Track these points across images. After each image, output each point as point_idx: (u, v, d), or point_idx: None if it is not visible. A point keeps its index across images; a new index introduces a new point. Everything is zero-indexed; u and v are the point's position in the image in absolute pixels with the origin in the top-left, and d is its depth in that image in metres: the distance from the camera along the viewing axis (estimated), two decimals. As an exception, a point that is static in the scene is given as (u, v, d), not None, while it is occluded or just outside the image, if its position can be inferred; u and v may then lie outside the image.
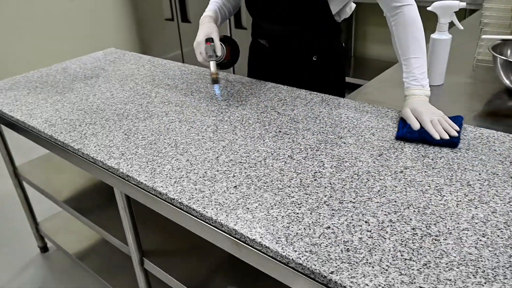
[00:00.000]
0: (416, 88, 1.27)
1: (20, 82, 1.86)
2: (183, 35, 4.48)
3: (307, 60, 1.62)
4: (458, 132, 1.16)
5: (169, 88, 1.67)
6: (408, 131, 1.19)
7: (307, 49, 1.60)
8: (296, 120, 1.34)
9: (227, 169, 1.11)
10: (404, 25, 1.29)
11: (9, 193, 2.78)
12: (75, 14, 4.43)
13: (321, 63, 1.62)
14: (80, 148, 1.27)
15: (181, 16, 4.38)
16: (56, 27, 4.33)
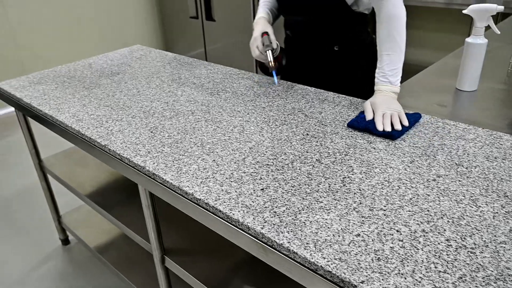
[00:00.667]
0: (383, 84, 1.33)
1: (48, 76, 1.87)
2: (207, 33, 4.48)
3: (328, 50, 1.62)
4: (407, 127, 1.23)
5: (195, 87, 1.66)
6: (356, 120, 1.27)
7: (327, 39, 1.61)
8: (324, 123, 1.31)
9: (254, 171, 1.09)
10: (383, 21, 1.33)
11: (33, 185, 2.82)
12: (101, 10, 4.47)
13: (344, 54, 1.61)
14: (107, 144, 1.27)
15: (205, 14, 4.38)
16: (83, 22, 4.37)
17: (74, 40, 4.34)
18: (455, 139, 1.18)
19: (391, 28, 1.32)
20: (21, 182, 2.90)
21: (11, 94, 1.72)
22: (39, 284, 2.06)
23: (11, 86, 1.78)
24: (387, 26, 1.33)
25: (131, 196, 1.76)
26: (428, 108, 1.34)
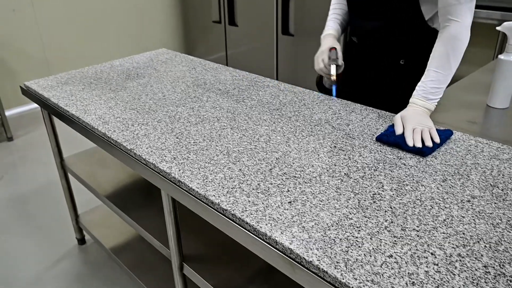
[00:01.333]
0: (419, 98, 1.32)
1: (75, 77, 1.87)
2: (229, 38, 4.48)
3: (393, 62, 1.58)
4: (438, 144, 1.19)
5: (220, 93, 1.64)
6: (386, 134, 1.25)
7: (394, 50, 1.56)
8: (351, 136, 1.28)
9: (281, 182, 1.06)
10: (443, 39, 1.32)
11: (52, 182, 2.82)
12: (126, 12, 4.50)
13: (410, 69, 1.55)
14: (133, 148, 1.25)
15: (228, 19, 4.38)
16: (107, 24, 4.40)
17: (98, 41, 4.37)
18: (488, 158, 1.14)
19: (448, 48, 1.30)
20: (40, 179, 2.91)
21: (38, 93, 1.72)
22: (54, 284, 2.05)
23: (39, 86, 1.78)
24: (445, 44, 1.31)
25: (150, 198, 1.75)
26: (458, 124, 1.30)
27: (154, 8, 4.72)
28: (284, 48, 3.96)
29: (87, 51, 4.30)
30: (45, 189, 2.80)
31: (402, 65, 1.57)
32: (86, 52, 4.30)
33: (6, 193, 2.78)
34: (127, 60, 2.10)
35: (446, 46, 1.31)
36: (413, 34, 1.51)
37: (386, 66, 1.60)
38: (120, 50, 4.54)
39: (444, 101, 1.64)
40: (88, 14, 4.22)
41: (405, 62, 1.56)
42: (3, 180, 2.93)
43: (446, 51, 1.30)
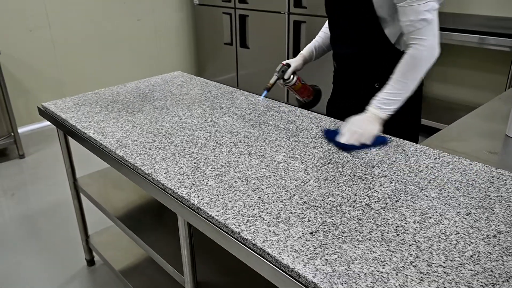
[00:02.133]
0: (372, 106, 1.42)
1: (92, 99, 1.87)
2: (240, 59, 4.51)
3: (369, 86, 1.62)
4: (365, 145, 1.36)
5: (237, 118, 1.63)
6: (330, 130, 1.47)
7: (368, 74, 1.63)
8: (370, 164, 1.27)
9: (302, 212, 1.05)
10: (405, 59, 1.40)
11: (63, 201, 2.81)
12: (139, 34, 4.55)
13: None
14: (151, 173, 1.24)
15: (240, 41, 4.41)
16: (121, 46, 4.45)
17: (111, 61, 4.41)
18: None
19: (406, 66, 1.39)
20: (51, 197, 2.90)
21: (56, 114, 1.72)
22: (64, 304, 2.03)
23: (57, 107, 1.79)
24: (405, 64, 1.40)
25: (162, 220, 1.73)
26: (478, 154, 1.29)
27: (167, 31, 4.78)
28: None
29: (101, 71, 4.34)
30: (55, 208, 2.78)
31: (377, 88, 1.58)
32: (100, 73, 4.33)
33: (16, 211, 2.77)
34: (142, 82, 2.11)
35: (405, 66, 1.39)
36: (385, 59, 1.56)
37: (363, 90, 1.65)
38: (133, 71, 4.57)
39: (463, 130, 1.63)
40: (102, 35, 4.27)
41: (380, 85, 1.57)
42: (14, 197, 2.92)
43: (405, 70, 1.39)
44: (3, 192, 3.00)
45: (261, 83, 4.30)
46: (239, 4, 4.27)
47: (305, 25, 3.74)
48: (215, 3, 4.53)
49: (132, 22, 4.46)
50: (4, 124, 3.39)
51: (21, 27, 3.74)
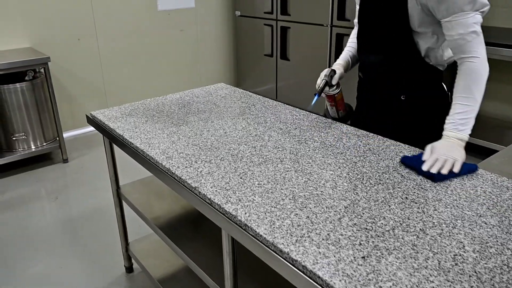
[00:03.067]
0: (450, 130, 1.35)
1: (138, 109, 1.89)
2: (280, 71, 4.49)
3: (394, 97, 1.61)
4: (454, 173, 1.25)
5: (282, 133, 1.61)
6: (410, 157, 1.35)
7: (394, 85, 1.60)
8: (423, 187, 1.22)
9: (352, 234, 1.01)
10: (462, 73, 1.37)
11: (104, 207, 2.85)
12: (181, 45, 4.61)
13: (411, 105, 1.60)
14: (197, 186, 1.23)
15: (280, 53, 4.40)
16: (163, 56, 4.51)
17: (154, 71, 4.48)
18: None
19: (469, 81, 1.35)
20: (93, 203, 2.94)
21: (104, 123, 1.74)
22: (102, 311, 2.04)
23: (105, 116, 1.80)
24: (466, 78, 1.36)
25: (202, 231, 1.72)
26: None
27: (209, 41, 4.82)
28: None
29: (143, 81, 4.41)
30: (97, 213, 2.82)
31: (404, 100, 1.60)
32: (142, 82, 4.41)
33: (59, 215, 2.82)
34: (187, 93, 2.11)
35: (467, 80, 1.35)
36: (413, 71, 1.55)
37: (387, 101, 1.65)
38: (174, 80, 4.63)
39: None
40: (146, 45, 4.35)
41: (406, 98, 1.59)
42: (57, 201, 2.98)
43: (468, 84, 1.35)
44: (47, 195, 3.07)
45: (300, 95, 4.28)
46: (281, 16, 4.27)
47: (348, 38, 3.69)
48: (256, 15, 4.54)
49: (175, 33, 4.53)
50: (51, 129, 3.48)
51: (70, 36, 3.84)
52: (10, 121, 3.26)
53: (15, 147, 3.34)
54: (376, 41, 1.60)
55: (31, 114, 3.31)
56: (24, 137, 3.33)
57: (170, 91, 4.44)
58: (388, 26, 1.52)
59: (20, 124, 3.29)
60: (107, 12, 3.99)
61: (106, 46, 4.08)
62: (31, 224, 2.70)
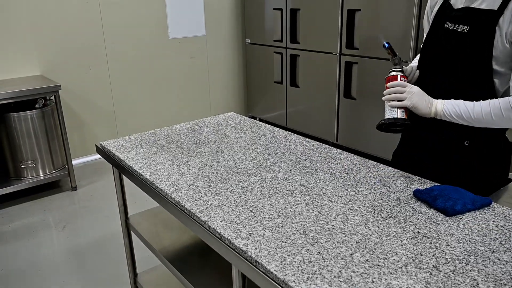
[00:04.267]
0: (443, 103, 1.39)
1: (148, 139, 1.91)
2: (289, 98, 4.53)
3: (457, 142, 1.52)
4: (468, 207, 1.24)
5: (292, 164, 1.62)
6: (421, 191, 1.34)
7: (458, 130, 1.47)
8: (435, 221, 1.21)
9: (364, 271, 1.00)
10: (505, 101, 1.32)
11: (112, 235, 2.85)
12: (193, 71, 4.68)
13: (475, 153, 1.51)
14: (207, 220, 1.23)
15: (290, 80, 4.44)
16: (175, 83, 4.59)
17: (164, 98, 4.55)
18: None
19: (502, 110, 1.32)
20: (101, 231, 2.95)
21: (113, 153, 1.76)
22: None
23: (114, 146, 1.83)
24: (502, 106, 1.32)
25: (211, 263, 1.71)
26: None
27: (219, 68, 4.90)
28: (345, 110, 3.95)
29: (153, 108, 4.47)
30: (105, 242, 2.82)
31: (467, 146, 1.51)
32: (153, 109, 4.47)
33: (67, 243, 2.83)
34: (197, 123, 2.13)
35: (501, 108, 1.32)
36: None
37: (450, 147, 1.55)
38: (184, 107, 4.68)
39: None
40: (156, 73, 4.42)
41: (470, 144, 1.50)
42: (65, 230, 2.99)
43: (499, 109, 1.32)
44: (54, 224, 3.08)
45: (310, 121, 4.30)
46: (290, 44, 4.33)
47: (357, 66, 3.73)
48: (266, 43, 4.61)
49: (186, 60, 4.60)
50: (60, 157, 3.52)
51: (81, 64, 3.93)
52: (19, 149, 3.30)
53: (23, 175, 3.37)
54: (450, 87, 1.49)
55: (40, 141, 3.36)
56: (33, 165, 3.37)
57: (180, 118, 4.49)
58: (468, 61, 1.43)
59: (29, 151, 3.33)
60: (118, 40, 4.08)
61: (117, 74, 4.15)
62: (39, 254, 2.71)
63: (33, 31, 3.63)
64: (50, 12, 3.66)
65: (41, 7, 3.61)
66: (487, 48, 1.36)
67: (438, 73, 1.54)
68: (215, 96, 4.94)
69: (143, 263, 2.35)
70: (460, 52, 1.44)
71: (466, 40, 1.41)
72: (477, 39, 1.38)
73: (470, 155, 1.51)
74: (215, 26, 4.74)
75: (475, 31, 1.39)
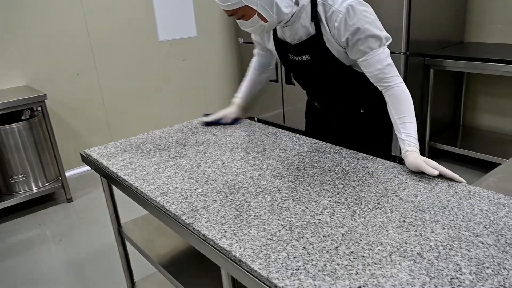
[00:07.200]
0: (415, 146, 1.51)
1: (134, 144, 1.95)
2: (286, 96, 4.56)
3: (355, 110, 1.86)
4: None
5: (281, 160, 1.65)
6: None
7: (355, 99, 1.85)
8: (421, 208, 1.25)
9: (349, 263, 1.04)
10: (396, 98, 1.57)
11: (110, 246, 2.89)
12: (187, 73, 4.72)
13: (369, 118, 1.86)
14: (191, 222, 1.27)
15: (285, 78, 4.48)
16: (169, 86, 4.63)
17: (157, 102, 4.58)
18: None
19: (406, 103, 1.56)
20: (98, 242, 2.99)
21: (98, 161, 1.80)
22: None
23: (99, 153, 1.87)
24: (402, 101, 1.57)
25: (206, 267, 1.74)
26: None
27: (213, 69, 4.94)
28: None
29: (148, 112, 4.51)
30: (102, 253, 2.87)
31: (362, 113, 1.86)
32: (147, 114, 4.51)
33: (64, 256, 2.87)
34: (186, 125, 2.17)
35: (404, 102, 1.57)
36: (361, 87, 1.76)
37: (348, 114, 1.90)
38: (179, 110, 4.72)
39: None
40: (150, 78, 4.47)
41: (365, 111, 1.85)
42: (61, 243, 3.03)
43: (406, 105, 1.56)
44: (51, 237, 3.13)
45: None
46: (283, 40, 4.35)
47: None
48: (259, 40, 4.63)
49: (179, 62, 4.64)
50: (52, 169, 3.57)
51: (68, 71, 3.96)
52: (9, 163, 3.34)
53: (15, 189, 3.41)
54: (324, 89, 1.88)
55: (30, 154, 3.39)
56: (24, 179, 3.41)
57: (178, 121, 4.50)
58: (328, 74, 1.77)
59: (19, 165, 3.37)
60: (106, 46, 4.11)
61: (107, 81, 4.19)
62: (36, 269, 2.76)
63: (16, 40, 3.65)
64: (33, 20, 3.69)
65: (24, 15, 3.64)
66: (331, 57, 1.69)
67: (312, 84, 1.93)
68: (211, 97, 4.98)
69: (142, 270, 2.39)
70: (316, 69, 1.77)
71: (315, 61, 1.73)
72: (319, 58, 1.71)
73: (365, 121, 1.87)
74: (206, 27, 4.77)
75: (315, 55, 1.71)
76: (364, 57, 1.59)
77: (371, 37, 1.55)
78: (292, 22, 1.66)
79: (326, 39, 1.64)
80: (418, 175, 1.45)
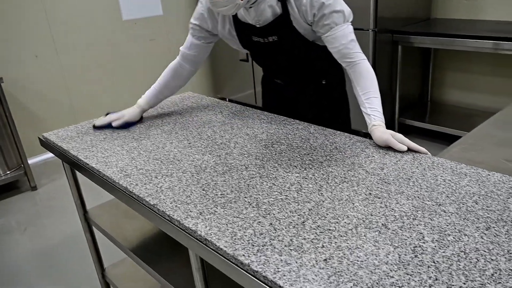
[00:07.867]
0: (381, 120, 1.54)
1: (97, 126, 1.93)
2: (256, 76, 4.55)
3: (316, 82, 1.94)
4: None
5: (248, 138, 1.66)
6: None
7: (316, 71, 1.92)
8: (387, 181, 1.27)
9: (315, 237, 1.05)
10: (360, 74, 1.62)
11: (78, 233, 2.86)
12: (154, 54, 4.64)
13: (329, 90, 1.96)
14: (156, 203, 1.27)
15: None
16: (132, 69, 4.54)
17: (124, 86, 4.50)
18: (538, 202, 1.11)
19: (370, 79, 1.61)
20: (65, 230, 2.96)
21: (57, 145, 1.77)
22: None
23: (59, 137, 1.84)
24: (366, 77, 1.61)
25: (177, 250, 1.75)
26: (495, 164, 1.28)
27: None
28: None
29: (113, 95, 4.44)
30: (70, 241, 2.84)
31: (324, 84, 1.94)
32: (113, 96, 4.43)
33: (30, 245, 2.84)
34: (150, 106, 2.15)
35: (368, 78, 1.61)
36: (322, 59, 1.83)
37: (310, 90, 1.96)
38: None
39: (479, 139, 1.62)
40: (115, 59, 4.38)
41: (326, 82, 1.94)
42: (26, 232, 2.99)
43: (371, 81, 1.60)
44: (17, 226, 3.08)
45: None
46: (250, 17, 4.32)
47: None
48: (226, 18, 4.59)
49: (145, 43, 4.56)
50: (13, 156, 3.49)
51: (26, 53, 3.85)
52: (-35, 152, 3.26)
53: (-26, 179, 3.34)
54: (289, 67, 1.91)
55: (-13, 141, 3.31)
56: (-16, 167, 3.34)
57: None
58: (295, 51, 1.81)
59: (-23, 154, 3.29)
60: (65, 26, 4.00)
61: (69, 63, 4.10)
62: (0, 260, 2.72)
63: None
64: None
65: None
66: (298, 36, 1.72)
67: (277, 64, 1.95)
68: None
69: (112, 256, 2.38)
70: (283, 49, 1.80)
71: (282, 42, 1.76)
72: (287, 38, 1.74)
73: (326, 93, 1.95)
74: (172, 5, 4.69)
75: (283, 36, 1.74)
76: (329, 32, 1.63)
77: (335, 12, 1.60)
78: (258, 3, 1.66)
79: (293, 17, 1.67)
80: (385, 149, 1.48)
